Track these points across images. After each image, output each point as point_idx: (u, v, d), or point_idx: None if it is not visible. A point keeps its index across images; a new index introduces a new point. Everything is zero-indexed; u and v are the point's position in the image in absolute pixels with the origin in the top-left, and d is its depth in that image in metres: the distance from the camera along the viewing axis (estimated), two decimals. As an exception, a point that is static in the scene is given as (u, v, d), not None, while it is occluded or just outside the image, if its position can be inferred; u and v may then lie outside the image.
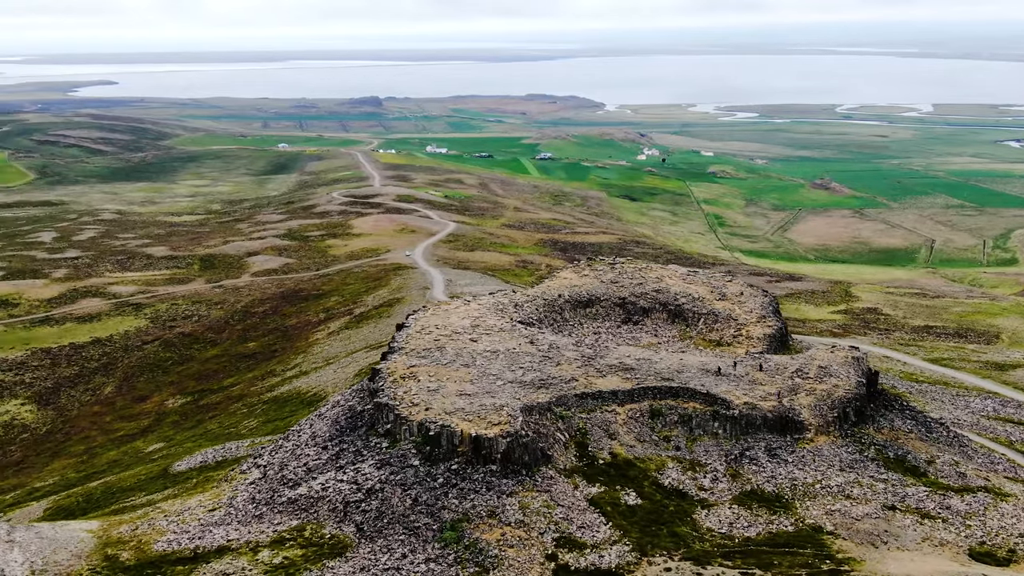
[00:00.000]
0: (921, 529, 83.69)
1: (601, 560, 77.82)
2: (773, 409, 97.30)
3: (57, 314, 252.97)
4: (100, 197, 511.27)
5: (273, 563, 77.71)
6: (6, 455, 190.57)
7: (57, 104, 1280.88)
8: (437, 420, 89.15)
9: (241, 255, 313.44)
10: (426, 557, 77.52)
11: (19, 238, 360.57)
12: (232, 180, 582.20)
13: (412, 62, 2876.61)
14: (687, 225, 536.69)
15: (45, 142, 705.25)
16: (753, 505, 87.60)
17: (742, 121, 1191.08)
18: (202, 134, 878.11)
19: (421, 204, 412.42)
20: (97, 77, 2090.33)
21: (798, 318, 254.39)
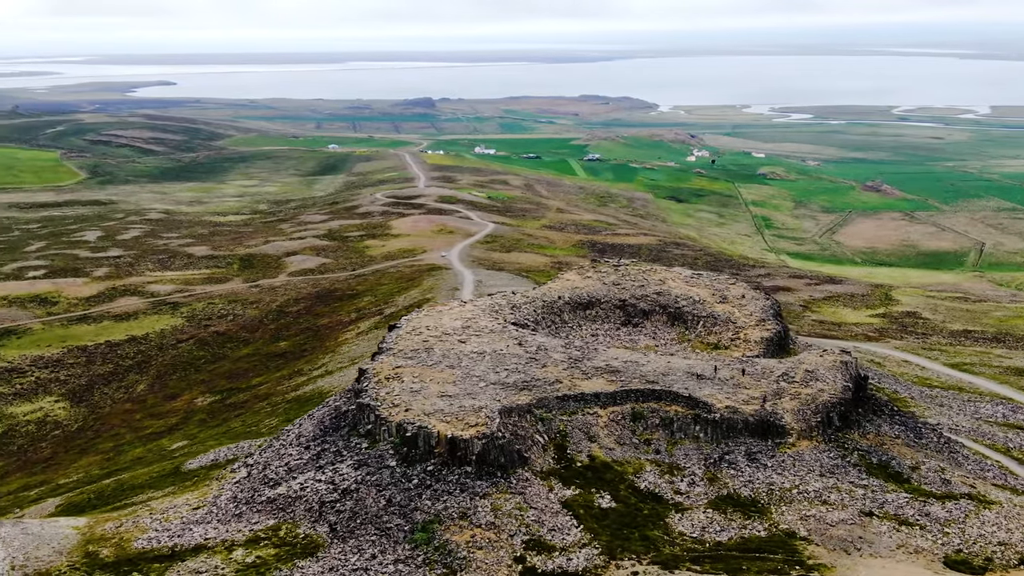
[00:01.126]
0: (897, 536, 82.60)
1: (569, 563, 77.64)
2: (755, 413, 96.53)
3: (95, 312, 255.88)
4: (149, 197, 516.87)
5: (246, 562, 78.34)
6: (37, 451, 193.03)
7: (114, 104, 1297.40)
8: (415, 421, 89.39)
9: (280, 255, 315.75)
10: (395, 558, 77.75)
11: (64, 237, 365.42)
12: (280, 180, 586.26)
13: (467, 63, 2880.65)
14: (734, 227, 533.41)
15: (98, 142, 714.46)
16: (728, 510, 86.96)
17: (796, 122, 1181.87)
18: (254, 135, 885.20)
19: (463, 205, 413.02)
20: (156, 78, 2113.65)
21: (834, 321, 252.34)
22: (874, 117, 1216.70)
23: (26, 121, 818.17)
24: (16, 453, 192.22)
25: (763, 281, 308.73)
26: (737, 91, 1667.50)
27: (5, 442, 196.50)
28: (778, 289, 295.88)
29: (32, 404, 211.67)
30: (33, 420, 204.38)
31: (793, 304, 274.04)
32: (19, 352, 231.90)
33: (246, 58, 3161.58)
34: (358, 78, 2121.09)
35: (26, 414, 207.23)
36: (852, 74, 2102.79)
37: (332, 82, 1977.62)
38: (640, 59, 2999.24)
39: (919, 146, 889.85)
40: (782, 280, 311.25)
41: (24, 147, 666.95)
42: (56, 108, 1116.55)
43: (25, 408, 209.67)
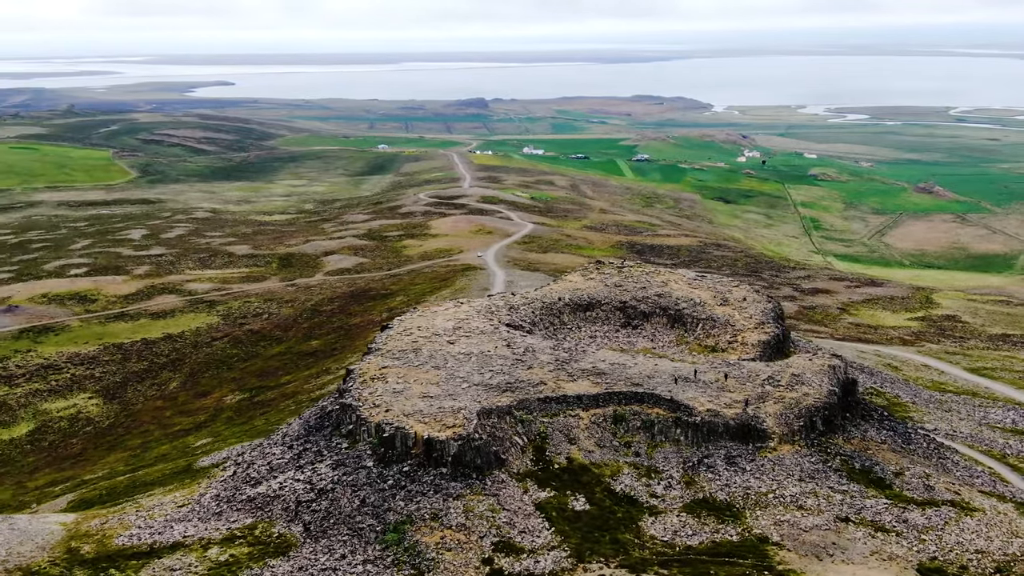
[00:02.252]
0: (872, 542, 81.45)
1: (536, 566, 77.36)
2: (736, 416, 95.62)
3: (132, 310, 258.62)
4: (197, 196, 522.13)
5: (219, 560, 78.93)
6: (67, 447, 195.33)
7: (171, 104, 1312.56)
8: (393, 422, 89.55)
9: (318, 254, 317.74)
10: (365, 558, 77.92)
11: (110, 235, 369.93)
12: (328, 180, 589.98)
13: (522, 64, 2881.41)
14: (781, 228, 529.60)
15: (150, 141, 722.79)
16: (702, 513, 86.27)
17: (851, 123, 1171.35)
18: (306, 135, 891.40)
19: (504, 205, 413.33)
20: (214, 78, 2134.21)
21: (870, 324, 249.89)
22: (930, 118, 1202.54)
23: (81, 120, 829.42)
24: (47, 449, 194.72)
25: (802, 283, 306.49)
26: (793, 91, 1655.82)
27: (38, 438, 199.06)
28: (817, 291, 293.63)
29: (66, 401, 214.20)
30: (66, 416, 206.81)
31: (831, 307, 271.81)
32: (56, 349, 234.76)
33: (304, 59, 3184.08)
34: (412, 79, 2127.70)
35: (60, 410, 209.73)
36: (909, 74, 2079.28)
37: (387, 83, 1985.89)
38: (697, 59, 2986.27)
39: (974, 147, 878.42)
40: (822, 282, 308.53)
41: (77, 146, 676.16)
42: (112, 107, 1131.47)
43: (59, 404, 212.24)
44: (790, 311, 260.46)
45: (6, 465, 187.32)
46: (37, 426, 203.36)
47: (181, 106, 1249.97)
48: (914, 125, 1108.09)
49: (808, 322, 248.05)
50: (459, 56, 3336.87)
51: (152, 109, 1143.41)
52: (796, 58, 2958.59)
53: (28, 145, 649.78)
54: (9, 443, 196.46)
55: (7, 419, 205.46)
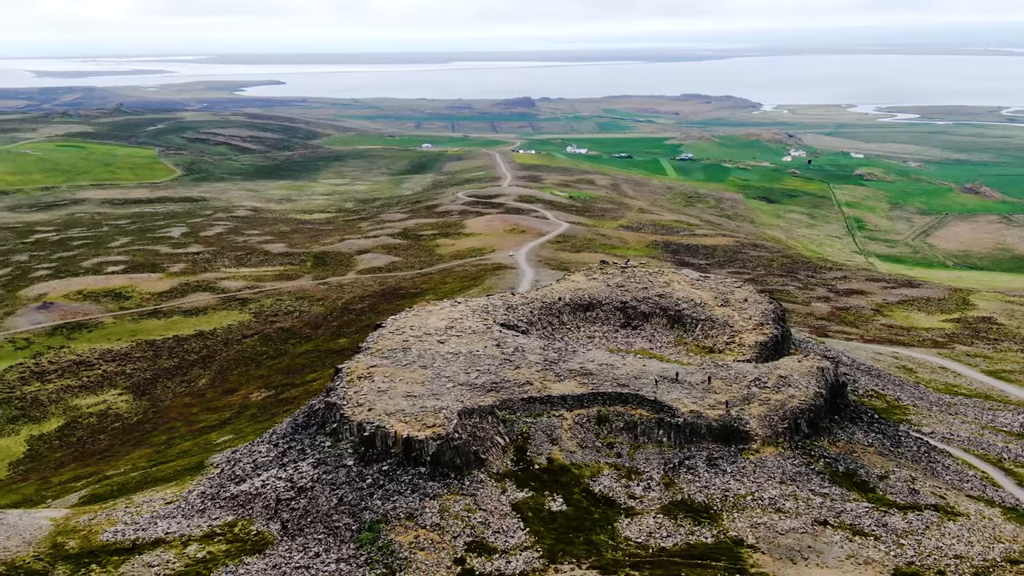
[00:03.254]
0: (849, 546, 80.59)
1: (507, 566, 77.29)
2: (719, 418, 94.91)
3: (166, 307, 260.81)
4: (240, 194, 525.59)
5: (196, 557, 79.50)
6: (95, 443, 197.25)
7: (220, 103, 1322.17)
8: (374, 421, 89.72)
9: (352, 253, 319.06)
10: (338, 557, 78.17)
11: (150, 233, 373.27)
12: (370, 179, 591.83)
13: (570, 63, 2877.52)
14: (824, 228, 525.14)
15: (196, 140, 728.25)
16: (679, 515, 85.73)
17: (901, 123, 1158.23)
18: (352, 134, 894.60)
19: (541, 205, 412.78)
20: (265, 77, 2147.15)
21: (903, 326, 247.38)
22: (981, 118, 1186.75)
23: (128, 119, 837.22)
24: (75, 444, 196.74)
25: (837, 284, 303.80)
26: (843, 90, 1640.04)
27: (67, 434, 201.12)
28: (852, 292, 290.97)
29: (97, 397, 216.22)
30: (95, 413, 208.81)
31: (864, 308, 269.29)
32: (89, 345, 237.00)
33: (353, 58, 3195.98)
34: (461, 78, 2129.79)
35: (90, 406, 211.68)
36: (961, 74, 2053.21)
37: (436, 82, 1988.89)
38: (746, 58, 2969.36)
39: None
40: (858, 283, 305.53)
41: (123, 144, 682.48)
42: (160, 106, 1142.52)
43: (89, 400, 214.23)
44: (822, 312, 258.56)
45: (34, 460, 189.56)
46: (67, 422, 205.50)
47: (231, 105, 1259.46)
48: (964, 125, 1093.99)
49: (840, 323, 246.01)
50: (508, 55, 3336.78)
51: (202, 108, 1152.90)
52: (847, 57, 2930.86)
53: (74, 143, 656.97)
54: (39, 439, 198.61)
55: (38, 415, 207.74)
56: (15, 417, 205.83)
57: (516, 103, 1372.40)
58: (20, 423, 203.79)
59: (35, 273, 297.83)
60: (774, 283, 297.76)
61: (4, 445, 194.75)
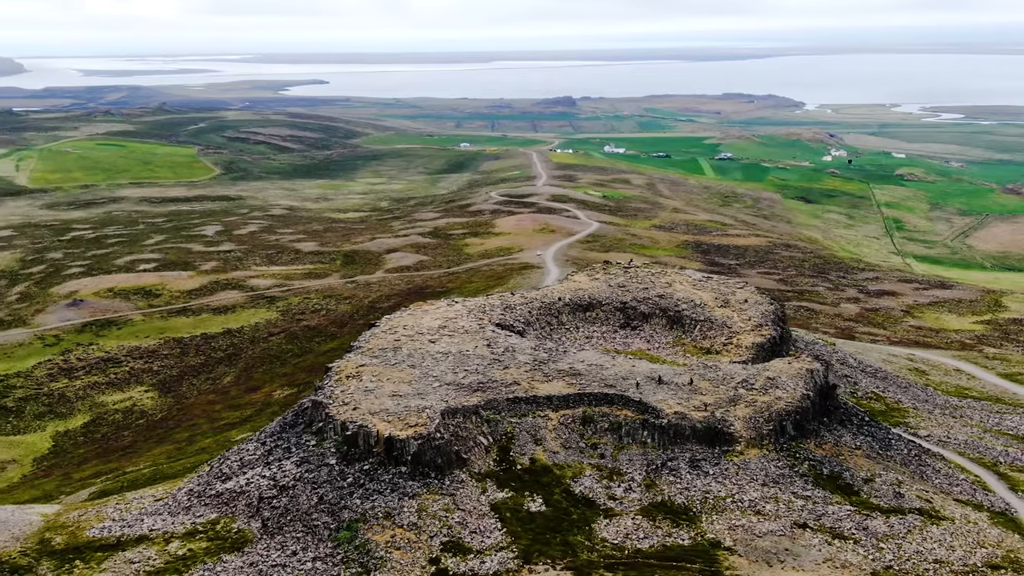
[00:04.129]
0: (827, 549, 79.95)
1: (481, 566, 77.36)
2: (703, 420, 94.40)
3: (195, 305, 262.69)
4: (277, 193, 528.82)
5: (177, 554, 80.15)
6: (119, 439, 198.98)
7: (264, 102, 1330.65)
8: (357, 420, 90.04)
9: (381, 252, 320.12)
10: (315, 555, 78.57)
11: (184, 231, 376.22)
12: (407, 178, 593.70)
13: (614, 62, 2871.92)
14: (862, 229, 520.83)
15: (236, 139, 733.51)
16: (658, 517, 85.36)
17: (945, 122, 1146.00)
18: (391, 133, 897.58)
19: (574, 204, 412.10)
20: (309, 76, 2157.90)
21: (933, 327, 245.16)
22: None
23: (170, 118, 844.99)
24: (99, 441, 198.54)
25: (869, 285, 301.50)
26: (887, 89, 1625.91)
27: (91, 430, 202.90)
28: (883, 293, 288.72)
29: (123, 393, 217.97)
30: (121, 409, 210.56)
31: (894, 309, 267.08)
32: (117, 343, 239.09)
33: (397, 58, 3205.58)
34: (503, 77, 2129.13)
35: (115, 403, 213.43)
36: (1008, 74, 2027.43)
37: (478, 81, 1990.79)
38: (791, 57, 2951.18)
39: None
40: (890, 284, 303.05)
41: (163, 143, 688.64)
42: (203, 105, 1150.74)
43: (116, 397, 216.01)
44: (850, 313, 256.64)
45: (58, 456, 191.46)
46: (92, 418, 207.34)
47: (274, 104, 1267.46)
48: (1009, 125, 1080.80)
49: (867, 324, 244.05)
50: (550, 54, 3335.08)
51: (245, 107, 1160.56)
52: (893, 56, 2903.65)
53: (115, 142, 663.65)
54: (64, 435, 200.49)
55: (64, 411, 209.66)
56: (42, 413, 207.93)
57: (557, 102, 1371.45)
58: (46, 419, 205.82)
59: (68, 271, 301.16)
60: (804, 284, 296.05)
61: (30, 441, 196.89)
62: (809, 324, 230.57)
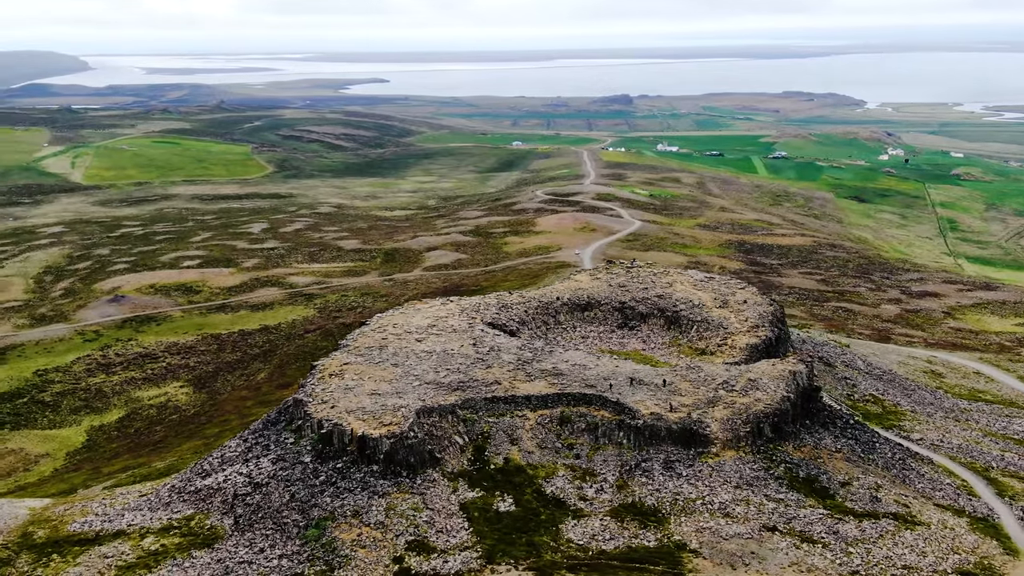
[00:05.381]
0: (794, 553, 78.99)
1: (444, 566, 77.35)
2: (679, 421, 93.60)
3: (234, 301, 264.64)
4: (327, 191, 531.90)
5: (150, 550, 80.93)
6: (151, 434, 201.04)
7: (323, 100, 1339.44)
8: (333, 418, 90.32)
9: (421, 250, 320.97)
10: (282, 553, 78.95)
11: (231, 228, 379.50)
12: (457, 177, 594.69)
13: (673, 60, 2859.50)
14: (915, 229, 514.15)
15: (290, 137, 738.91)
16: (626, 518, 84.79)
17: (1008, 122, 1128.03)
18: (445, 131, 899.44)
19: (619, 203, 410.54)
20: (370, 75, 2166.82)
21: (973, 329, 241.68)
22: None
23: (227, 116, 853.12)
24: (132, 436, 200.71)
25: (912, 286, 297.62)
26: (950, 88, 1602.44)
27: (125, 424, 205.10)
28: (926, 294, 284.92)
29: (159, 389, 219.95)
30: (155, 404, 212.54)
31: (935, 310, 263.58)
32: (156, 338, 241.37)
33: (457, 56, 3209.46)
34: (562, 75, 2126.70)
35: (151, 398, 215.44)
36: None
37: (537, 80, 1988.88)
38: (853, 55, 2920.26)
39: None
40: (933, 285, 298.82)
41: (218, 141, 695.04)
42: (261, 104, 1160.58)
43: (151, 392, 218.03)
44: (889, 314, 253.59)
45: (91, 451, 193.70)
46: (127, 413, 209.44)
47: (333, 103, 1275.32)
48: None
49: (906, 326, 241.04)
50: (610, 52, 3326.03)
51: (305, 105, 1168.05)
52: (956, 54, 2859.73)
53: (170, 140, 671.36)
54: (99, 429, 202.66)
55: (100, 406, 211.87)
56: (78, 408, 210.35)
57: (614, 100, 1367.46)
58: (82, 414, 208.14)
59: (113, 267, 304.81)
60: (846, 284, 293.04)
61: (65, 435, 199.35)
62: (846, 325, 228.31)
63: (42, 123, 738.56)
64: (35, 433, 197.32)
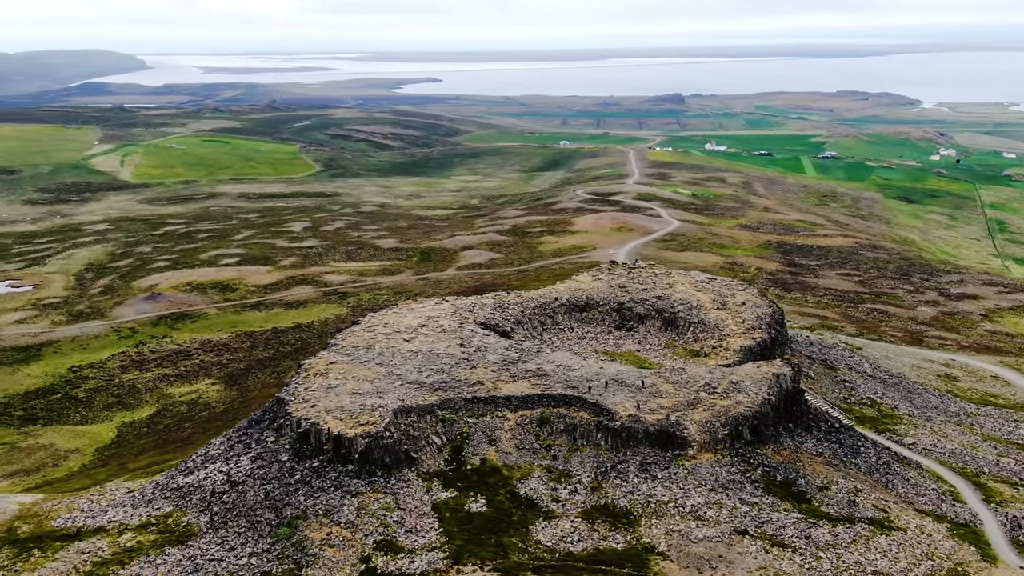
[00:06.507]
0: (763, 557, 78.26)
1: (411, 565, 77.47)
2: (657, 423, 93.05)
3: (268, 300, 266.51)
4: (372, 190, 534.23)
5: (126, 546, 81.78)
6: (179, 431, 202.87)
7: (376, 100, 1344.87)
8: (311, 417, 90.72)
9: (456, 249, 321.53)
10: (251, 551, 79.50)
11: (274, 227, 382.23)
12: (501, 176, 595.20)
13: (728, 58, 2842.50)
14: (963, 230, 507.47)
15: (339, 136, 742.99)
16: (597, 520, 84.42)
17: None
18: (494, 131, 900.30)
19: (659, 203, 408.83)
20: (424, 75, 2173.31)
21: (1010, 332, 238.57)
22: None
23: (277, 115, 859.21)
24: (160, 432, 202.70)
25: (951, 288, 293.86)
26: (1010, 88, 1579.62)
27: (155, 421, 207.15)
28: (964, 297, 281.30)
29: (191, 386, 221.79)
30: (186, 401, 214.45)
31: (972, 313, 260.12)
32: (190, 336, 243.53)
33: (510, 56, 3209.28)
34: (614, 74, 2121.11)
35: (182, 395, 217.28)
36: None
37: (588, 79, 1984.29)
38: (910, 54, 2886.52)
39: None
40: (973, 287, 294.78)
41: (267, 140, 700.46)
42: (313, 103, 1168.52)
43: (183, 389, 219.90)
44: (925, 317, 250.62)
45: (120, 447, 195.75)
46: (158, 410, 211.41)
47: (385, 102, 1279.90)
48: None
49: (940, 328, 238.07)
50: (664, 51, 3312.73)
51: (356, 105, 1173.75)
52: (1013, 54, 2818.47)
53: (219, 139, 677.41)
54: (129, 426, 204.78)
55: (132, 402, 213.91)
56: (110, 404, 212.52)
57: (665, 99, 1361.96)
58: (114, 410, 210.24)
59: (154, 264, 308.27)
60: (884, 286, 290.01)
61: (96, 431, 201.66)
62: (878, 327, 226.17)
63: (94, 121, 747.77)
64: (67, 429, 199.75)
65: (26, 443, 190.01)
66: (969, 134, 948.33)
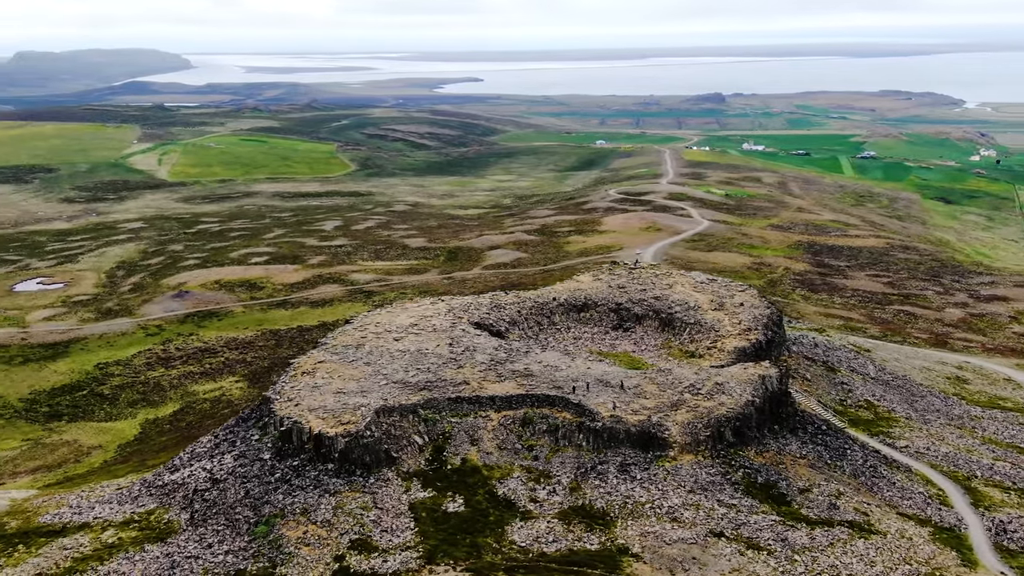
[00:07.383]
0: (737, 560, 77.87)
1: (384, 565, 77.67)
2: (638, 424, 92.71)
3: (295, 298, 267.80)
4: (406, 189, 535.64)
5: (107, 543, 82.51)
6: (201, 428, 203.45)
7: (416, 99, 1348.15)
8: (294, 416, 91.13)
9: (484, 248, 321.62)
10: (228, 549, 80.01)
11: (305, 225, 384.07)
12: (536, 176, 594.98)
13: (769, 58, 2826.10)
14: (1000, 231, 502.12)
15: (375, 135, 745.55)
16: (573, 521, 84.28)
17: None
18: (531, 130, 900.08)
19: (691, 203, 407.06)
20: (465, 74, 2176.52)
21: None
22: None
23: (316, 114, 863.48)
24: (183, 429, 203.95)
25: (982, 290, 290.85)
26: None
27: (178, 418, 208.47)
28: (994, 298, 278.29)
29: (215, 383, 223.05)
30: (209, 399, 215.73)
31: (1001, 315, 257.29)
32: (216, 333, 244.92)
33: (551, 55, 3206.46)
34: (655, 74, 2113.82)
35: (206, 392, 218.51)
36: None
37: (629, 78, 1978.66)
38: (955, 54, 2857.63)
39: None
40: (1004, 289, 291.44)
41: (304, 139, 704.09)
42: (352, 103, 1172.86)
43: (207, 387, 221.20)
44: (952, 319, 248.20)
45: (142, 443, 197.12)
46: (182, 407, 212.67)
47: (425, 102, 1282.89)
48: None
49: (967, 330, 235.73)
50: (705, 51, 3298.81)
51: (395, 105, 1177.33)
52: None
53: (257, 138, 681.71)
54: (152, 423, 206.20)
55: (157, 399, 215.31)
56: (135, 401, 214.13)
57: (705, 99, 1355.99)
58: (139, 407, 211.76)
59: (184, 262, 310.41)
60: (913, 287, 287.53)
61: (119, 428, 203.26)
62: (904, 329, 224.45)
63: (133, 120, 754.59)
64: (91, 425, 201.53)
65: (50, 439, 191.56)
66: (1012, 134, 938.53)
